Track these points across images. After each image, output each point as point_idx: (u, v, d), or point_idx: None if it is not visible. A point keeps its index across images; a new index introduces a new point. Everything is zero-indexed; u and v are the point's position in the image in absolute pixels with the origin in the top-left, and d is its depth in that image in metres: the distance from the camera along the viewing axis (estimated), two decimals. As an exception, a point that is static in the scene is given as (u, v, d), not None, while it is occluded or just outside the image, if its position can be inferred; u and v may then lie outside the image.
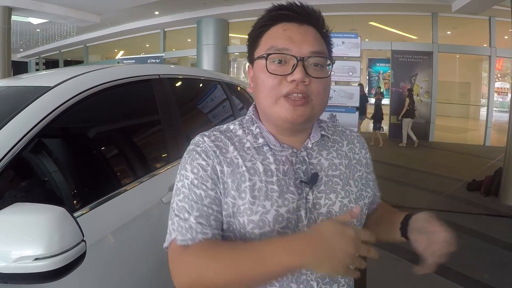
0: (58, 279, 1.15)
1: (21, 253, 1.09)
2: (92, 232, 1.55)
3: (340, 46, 5.47)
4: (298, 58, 0.95)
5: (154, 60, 13.71)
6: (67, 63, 23.19)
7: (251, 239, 0.95)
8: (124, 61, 13.93)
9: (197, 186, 0.97)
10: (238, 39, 16.52)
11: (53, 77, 2.04)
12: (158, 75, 2.51)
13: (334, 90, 5.51)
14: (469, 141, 13.32)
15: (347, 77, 5.48)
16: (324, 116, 5.26)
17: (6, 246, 1.10)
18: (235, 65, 18.23)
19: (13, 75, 8.27)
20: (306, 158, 1.04)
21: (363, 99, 11.11)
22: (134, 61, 13.96)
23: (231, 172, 0.98)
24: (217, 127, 1.09)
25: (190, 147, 1.04)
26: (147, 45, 19.50)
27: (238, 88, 4.00)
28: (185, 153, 1.04)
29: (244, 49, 1.10)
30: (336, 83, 5.82)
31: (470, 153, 10.58)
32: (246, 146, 1.02)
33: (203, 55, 14.73)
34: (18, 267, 1.09)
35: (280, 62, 0.97)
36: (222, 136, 1.04)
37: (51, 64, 24.45)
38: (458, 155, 10.05)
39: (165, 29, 16.81)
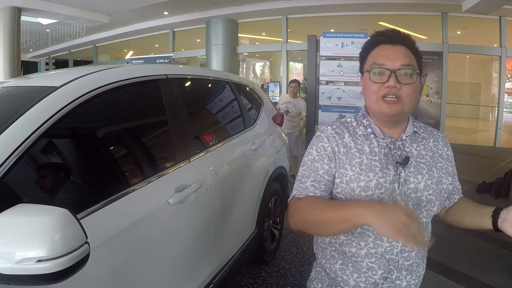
0: (61, 281, 1.14)
1: (24, 255, 1.08)
2: (98, 233, 1.55)
3: (350, 46, 5.32)
4: (391, 70, 1.30)
5: (163, 60, 13.67)
6: (77, 63, 23.25)
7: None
8: (133, 61, 13.92)
9: (317, 161, 1.40)
10: (247, 39, 16.47)
11: (60, 77, 2.04)
12: (166, 75, 2.50)
13: (344, 91, 5.37)
14: (479, 142, 13.18)
15: (356, 78, 5.34)
16: (333, 116, 5.22)
17: (9, 247, 1.09)
18: (245, 65, 18.18)
19: (23, 75, 8.33)
20: (401, 146, 1.39)
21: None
22: (143, 61, 13.95)
23: (346, 152, 1.37)
24: (339, 120, 1.49)
25: (318, 133, 1.47)
26: (156, 45, 19.51)
27: (247, 89, 3.98)
28: (314, 137, 1.47)
29: (253, 49, 1.15)
30: (345, 83, 5.68)
31: (480, 154, 10.44)
32: (358, 133, 1.41)
33: (212, 55, 14.68)
34: (21, 269, 1.08)
35: (379, 73, 1.32)
36: (341, 126, 1.44)
37: (61, 64, 24.56)
38: (468, 157, 9.93)
39: (174, 29, 16.82)
